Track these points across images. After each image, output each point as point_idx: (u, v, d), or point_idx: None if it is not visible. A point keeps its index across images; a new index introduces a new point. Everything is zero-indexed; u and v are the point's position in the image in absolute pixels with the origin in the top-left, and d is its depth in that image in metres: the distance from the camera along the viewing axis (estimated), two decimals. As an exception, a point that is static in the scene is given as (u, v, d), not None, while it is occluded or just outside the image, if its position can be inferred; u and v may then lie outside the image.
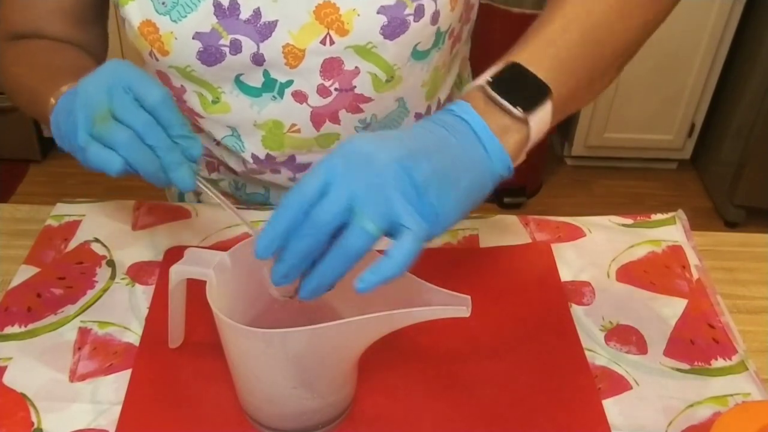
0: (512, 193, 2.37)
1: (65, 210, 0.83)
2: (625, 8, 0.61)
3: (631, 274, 0.77)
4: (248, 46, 0.72)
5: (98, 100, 0.56)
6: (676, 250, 0.80)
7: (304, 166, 0.83)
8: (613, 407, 0.64)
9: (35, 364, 0.65)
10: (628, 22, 0.62)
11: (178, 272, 0.59)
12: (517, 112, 0.55)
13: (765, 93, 2.11)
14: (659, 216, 0.85)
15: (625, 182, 2.50)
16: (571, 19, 0.59)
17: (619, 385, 0.66)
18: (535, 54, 0.58)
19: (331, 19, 0.71)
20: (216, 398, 0.63)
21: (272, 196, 0.89)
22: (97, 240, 0.79)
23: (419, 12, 0.71)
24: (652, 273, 0.77)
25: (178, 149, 0.58)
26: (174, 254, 0.76)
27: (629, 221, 0.85)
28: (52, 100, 0.64)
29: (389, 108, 0.79)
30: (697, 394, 0.65)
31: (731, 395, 0.65)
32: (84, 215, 0.82)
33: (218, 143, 0.83)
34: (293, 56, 0.72)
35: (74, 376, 0.64)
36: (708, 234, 0.85)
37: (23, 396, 0.62)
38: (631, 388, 0.66)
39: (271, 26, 0.71)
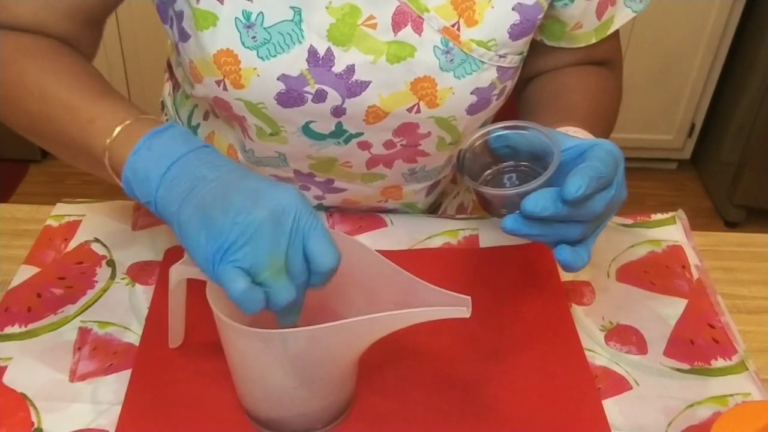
0: (512, 193, 2.37)
1: (65, 210, 0.83)
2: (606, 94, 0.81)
3: (631, 274, 0.77)
4: (333, 98, 0.70)
5: (278, 249, 0.52)
6: (676, 250, 0.80)
7: (337, 190, 0.83)
8: (613, 407, 0.64)
9: (35, 364, 0.65)
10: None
11: (178, 272, 0.59)
12: None
13: (765, 93, 2.11)
14: (659, 216, 0.85)
15: (625, 182, 2.50)
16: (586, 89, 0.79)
17: (619, 385, 0.66)
18: (586, 120, 0.72)
19: (426, 93, 0.70)
20: (216, 398, 0.63)
21: None
22: (97, 240, 0.79)
23: (502, 92, 0.74)
24: (652, 273, 0.77)
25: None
26: (174, 254, 0.76)
27: (629, 221, 0.85)
28: (107, 141, 0.59)
29: (439, 162, 0.81)
30: (697, 394, 0.65)
31: (731, 395, 0.65)
32: (84, 215, 0.82)
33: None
34: (374, 115, 0.71)
35: (74, 376, 0.64)
36: (708, 234, 0.85)
37: (23, 396, 0.62)
38: (631, 388, 0.66)
39: (363, 86, 0.69)
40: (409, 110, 0.71)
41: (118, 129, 0.59)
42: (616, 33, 0.80)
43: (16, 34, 0.68)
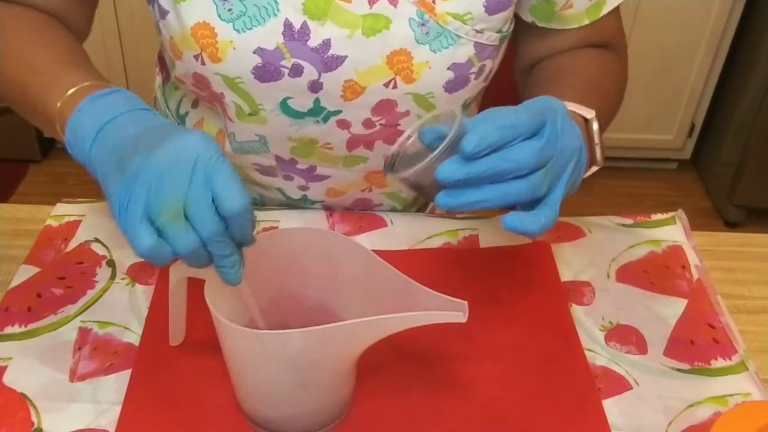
0: (512, 193, 2.37)
1: (65, 210, 0.83)
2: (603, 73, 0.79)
3: (631, 274, 0.77)
4: (309, 72, 0.70)
5: (174, 190, 0.50)
6: (676, 250, 0.80)
7: (320, 177, 0.82)
8: (613, 407, 0.64)
9: (35, 364, 0.65)
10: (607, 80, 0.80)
11: (178, 271, 0.59)
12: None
13: (765, 93, 2.11)
14: (659, 216, 0.85)
15: (625, 182, 2.50)
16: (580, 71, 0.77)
17: (619, 385, 0.66)
18: (578, 97, 0.69)
19: (402, 67, 0.70)
20: (216, 398, 0.63)
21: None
22: (97, 240, 0.79)
23: (481, 71, 0.74)
24: (652, 273, 0.77)
25: (236, 251, 0.53)
26: (174, 254, 0.76)
27: (629, 221, 0.85)
28: (59, 104, 0.60)
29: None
30: (697, 394, 0.65)
31: (731, 395, 0.65)
32: (84, 215, 0.82)
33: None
34: (352, 91, 0.71)
35: (74, 376, 0.64)
36: (708, 234, 0.85)
37: (23, 396, 0.62)
38: (631, 388, 0.66)
39: (339, 60, 0.70)
40: (386, 85, 0.71)
41: (69, 92, 0.59)
42: (617, 15, 0.80)
43: (4, 5, 0.71)
